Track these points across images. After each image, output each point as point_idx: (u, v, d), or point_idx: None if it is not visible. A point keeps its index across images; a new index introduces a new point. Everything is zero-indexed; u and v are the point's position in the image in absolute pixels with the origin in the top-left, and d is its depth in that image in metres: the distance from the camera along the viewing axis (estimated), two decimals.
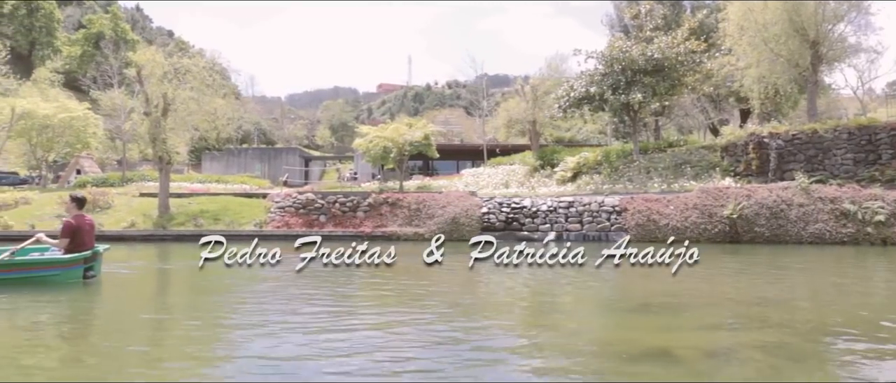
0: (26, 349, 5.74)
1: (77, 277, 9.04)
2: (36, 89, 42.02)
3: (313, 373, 4.67)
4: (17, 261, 8.94)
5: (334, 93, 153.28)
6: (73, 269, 8.97)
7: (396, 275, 9.73)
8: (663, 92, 23.98)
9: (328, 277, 9.57)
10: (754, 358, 5.19)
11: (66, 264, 8.93)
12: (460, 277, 9.26)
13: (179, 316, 7.47)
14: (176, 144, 24.29)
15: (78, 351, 5.70)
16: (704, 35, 27.50)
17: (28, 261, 9.12)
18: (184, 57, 27.28)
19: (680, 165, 23.59)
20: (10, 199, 26.34)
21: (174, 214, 22.96)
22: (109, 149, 48.13)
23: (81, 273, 9.08)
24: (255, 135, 72.76)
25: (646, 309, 7.75)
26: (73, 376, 4.75)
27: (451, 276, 9.06)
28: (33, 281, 8.85)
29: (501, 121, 41.18)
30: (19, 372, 4.82)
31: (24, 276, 8.89)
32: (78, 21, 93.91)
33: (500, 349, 5.67)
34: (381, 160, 25.43)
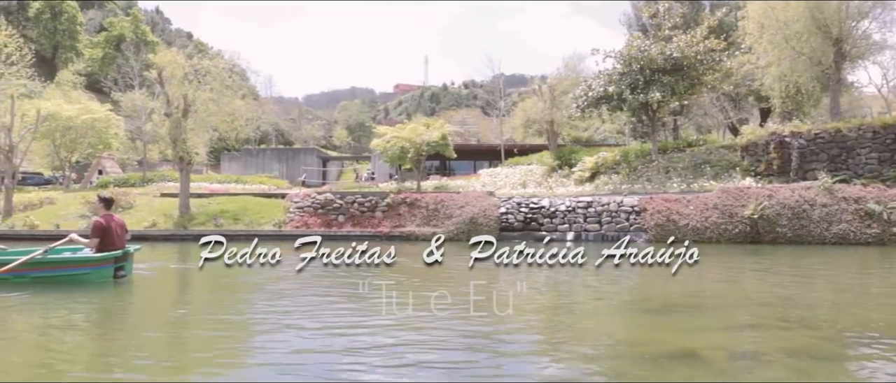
0: (56, 347, 5.83)
1: (108, 277, 9.09)
2: (59, 91, 42.68)
3: (338, 373, 4.69)
4: (49, 260, 9.01)
5: (351, 93, 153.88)
6: (104, 269, 9.02)
7: (413, 275, 9.75)
8: (682, 91, 23.78)
9: (345, 276, 9.61)
10: (781, 359, 5.13)
11: (97, 263, 8.99)
12: (475, 277, 9.25)
13: (205, 316, 7.54)
14: (196, 145, 24.51)
15: (107, 349, 5.77)
16: (724, 33, 27.23)
17: (60, 259, 9.19)
18: (203, 58, 27.55)
19: (699, 165, 23.39)
20: (35, 199, 26.76)
21: (195, 214, 23.17)
22: (130, 150, 48.71)
23: (112, 272, 9.14)
24: (272, 135, 73.23)
25: (667, 309, 7.71)
26: (101, 375, 4.81)
27: (467, 276, 9.05)
28: (65, 280, 8.92)
29: (518, 121, 41.09)
30: (51, 373, 4.89)
31: (55, 275, 8.96)
32: (99, 24, 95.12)
33: (525, 349, 5.66)
34: (399, 160, 25.47)
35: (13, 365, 5.14)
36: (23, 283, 8.69)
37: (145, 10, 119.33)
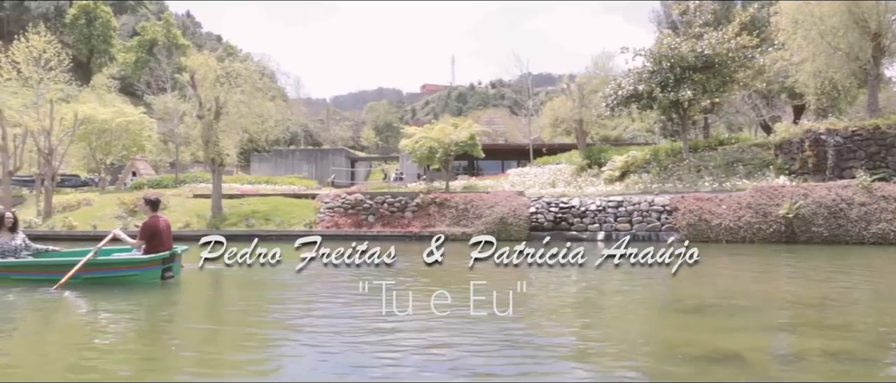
0: (102, 347, 5.97)
1: (155, 278, 9.06)
2: (94, 95, 43.56)
3: (369, 374, 4.74)
4: (98, 261, 8.98)
5: (378, 94, 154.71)
6: (152, 270, 9.00)
7: (435, 275, 9.76)
8: (714, 89, 23.48)
9: (374, 277, 9.69)
10: (819, 361, 5.05)
11: (145, 264, 8.98)
12: (503, 277, 9.26)
13: (246, 316, 7.60)
14: (227, 146, 24.88)
15: (153, 350, 5.89)
16: (756, 30, 26.80)
17: (107, 260, 9.19)
18: (234, 61, 27.96)
19: (731, 164, 23.06)
20: (73, 201, 27.39)
21: (227, 215, 23.52)
22: (162, 152, 49.55)
23: (159, 273, 9.11)
24: (301, 136, 73.93)
25: (700, 310, 7.63)
26: (150, 376, 4.91)
27: (495, 276, 9.06)
28: (112, 281, 8.93)
29: (547, 120, 40.87)
30: (100, 374, 5.00)
31: (103, 276, 8.95)
32: (132, 28, 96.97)
33: (560, 349, 5.65)
34: (427, 160, 25.55)
35: (47, 363, 5.25)
36: (75, 284, 8.65)
37: (176, 13, 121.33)
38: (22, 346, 6.00)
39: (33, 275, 8.85)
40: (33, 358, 5.48)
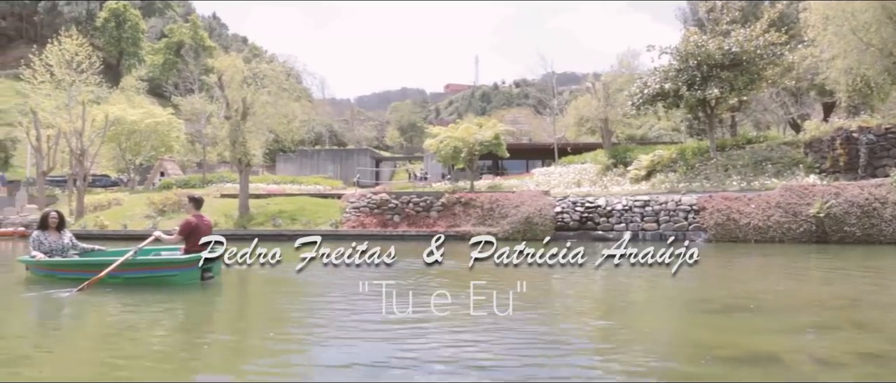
0: (143, 347, 6.08)
1: (195, 278, 8.86)
2: (123, 96, 44.37)
3: (391, 371, 4.77)
4: (137, 261, 8.88)
5: (402, 94, 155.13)
6: (191, 270, 8.77)
7: (457, 275, 9.76)
8: (742, 86, 23.18)
9: (397, 276, 9.74)
10: (852, 363, 4.97)
11: (184, 265, 8.80)
12: (526, 277, 9.24)
13: (279, 317, 7.64)
14: (254, 147, 25.15)
15: (193, 350, 5.99)
16: (785, 26, 26.40)
17: (147, 260, 9.07)
18: (261, 62, 28.26)
19: (760, 162, 22.76)
20: (104, 201, 27.91)
21: (254, 214, 23.77)
22: (190, 152, 50.28)
23: (199, 274, 8.88)
24: (326, 136, 74.44)
25: (731, 310, 7.55)
26: (172, 376, 4.99)
27: (518, 276, 9.05)
28: (152, 281, 8.82)
29: (571, 119, 40.69)
30: (145, 373, 5.10)
31: (142, 276, 8.87)
32: (160, 31, 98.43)
33: (591, 349, 5.64)
34: (452, 160, 25.60)
35: (77, 362, 5.35)
36: (115, 283, 8.63)
37: (203, 15, 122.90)
38: (55, 345, 6.13)
39: (79, 273, 8.80)
40: (66, 356, 5.59)
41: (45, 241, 9.37)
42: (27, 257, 9.52)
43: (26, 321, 7.30)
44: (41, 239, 9.40)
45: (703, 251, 16.12)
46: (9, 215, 26.90)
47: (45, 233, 9.46)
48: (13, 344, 5.97)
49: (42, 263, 9.26)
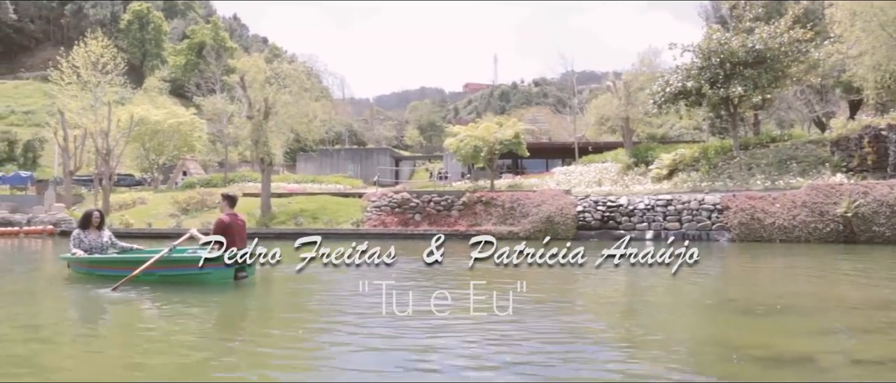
0: (181, 347, 6.15)
1: (229, 277, 8.75)
2: (147, 97, 44.98)
3: (413, 372, 4.78)
4: (171, 259, 8.81)
5: (421, 93, 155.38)
6: (224, 269, 8.61)
7: (495, 275, 9.74)
8: (766, 84, 22.90)
9: (422, 276, 9.75)
10: (887, 365, 4.89)
11: (217, 263, 8.55)
12: (550, 277, 9.20)
13: (311, 316, 7.62)
14: (275, 146, 25.34)
15: (225, 351, 6.05)
16: (810, 23, 26.03)
17: (181, 258, 8.93)
18: (282, 62, 28.46)
19: (784, 161, 22.47)
20: (129, 199, 28.29)
21: (275, 213, 23.95)
22: (211, 152, 50.77)
23: (233, 273, 8.77)
24: (346, 136, 74.76)
25: (758, 311, 7.44)
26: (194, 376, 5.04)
27: (541, 276, 9.02)
28: (185, 279, 8.73)
29: (592, 118, 40.48)
30: (146, 372, 5.16)
31: (176, 274, 8.80)
32: (182, 32, 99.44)
33: (620, 350, 5.60)
34: (472, 159, 25.59)
35: (104, 362, 5.42)
36: (149, 282, 8.63)
37: (223, 16, 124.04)
38: (83, 342, 6.22)
39: (117, 271, 8.88)
40: (90, 354, 5.65)
41: (86, 239, 9.53)
42: (68, 255, 9.68)
43: (59, 318, 7.42)
44: (81, 237, 9.56)
45: (727, 251, 16.05)
46: (38, 213, 27.36)
47: (86, 232, 9.62)
48: (41, 340, 6.07)
49: (82, 260, 9.40)
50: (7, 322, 6.81)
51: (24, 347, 5.68)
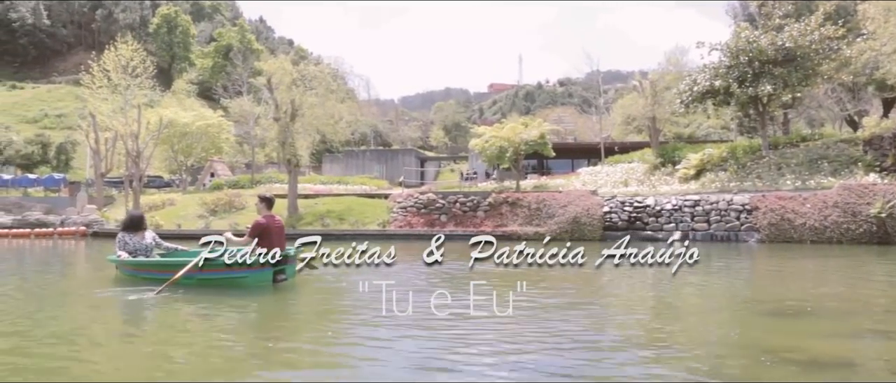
0: (214, 350, 6.25)
1: (267, 280, 8.63)
2: (175, 99, 45.66)
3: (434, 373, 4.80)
4: (210, 262, 8.55)
5: (446, 94, 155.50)
6: (263, 272, 8.54)
7: (521, 276, 9.73)
8: (796, 83, 22.54)
9: (450, 275, 9.77)
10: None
11: (255, 266, 8.48)
12: (572, 278, 9.17)
13: (340, 316, 7.65)
14: (302, 147, 25.57)
15: (260, 352, 6.14)
16: (842, 19, 25.56)
17: (218, 261, 8.68)
18: (309, 64, 28.73)
19: (815, 161, 22.10)
20: (158, 201, 28.73)
21: (302, 214, 24.16)
22: (238, 153, 51.37)
23: (271, 276, 8.68)
24: (371, 137, 75.13)
25: (790, 313, 7.34)
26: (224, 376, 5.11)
27: (563, 276, 8.99)
28: (223, 283, 8.65)
29: (617, 118, 40.21)
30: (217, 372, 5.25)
31: (214, 278, 8.68)
32: (209, 35, 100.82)
33: (646, 350, 5.57)
34: (497, 160, 25.56)
35: (129, 363, 5.51)
36: (188, 285, 8.57)
37: (250, 19, 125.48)
38: (112, 345, 6.33)
39: (159, 273, 8.91)
40: (122, 356, 5.76)
41: (130, 242, 9.69)
42: (114, 257, 9.85)
43: (94, 319, 7.55)
44: (126, 239, 9.72)
45: (756, 252, 15.82)
46: (71, 215, 27.93)
47: (130, 234, 9.79)
48: (76, 342, 6.21)
49: (127, 263, 9.54)
50: (44, 324, 6.95)
51: (51, 349, 5.76)
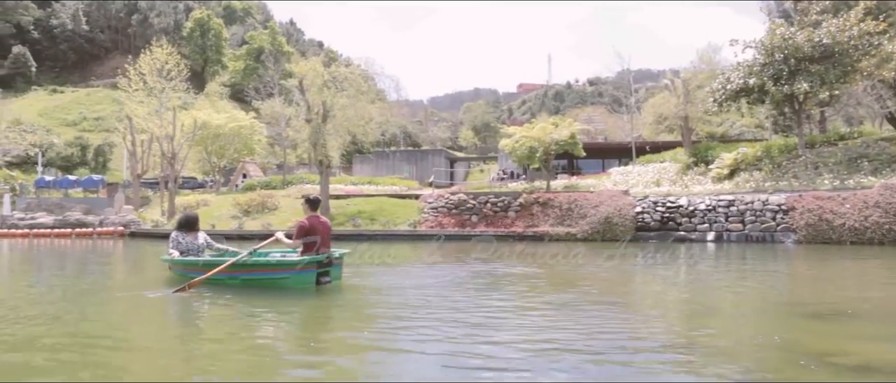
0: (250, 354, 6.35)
1: (310, 282, 8.49)
2: (208, 102, 46.41)
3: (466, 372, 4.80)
4: (250, 262, 8.70)
5: (475, 94, 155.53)
6: (306, 274, 8.42)
7: (528, 276, 9.72)
8: (833, 80, 22.05)
9: (461, 278, 9.77)
10: None
11: (298, 267, 8.44)
12: (610, 278, 9.09)
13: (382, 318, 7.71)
14: (333, 148, 25.79)
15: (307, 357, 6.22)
16: (882, 14, 24.94)
17: (260, 262, 8.79)
18: (339, 66, 28.97)
19: (855, 160, 21.61)
20: (192, 202, 29.21)
21: (334, 215, 24.34)
22: (270, 155, 52.00)
23: (314, 278, 8.53)
24: (400, 137, 75.43)
25: (829, 315, 7.17)
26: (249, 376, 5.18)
27: (599, 276, 8.92)
28: (265, 283, 8.62)
29: (649, 117, 39.78)
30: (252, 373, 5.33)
31: (256, 278, 8.67)
32: (241, 38, 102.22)
33: (696, 350, 5.51)
34: (527, 160, 25.46)
35: (169, 362, 5.62)
36: (232, 286, 8.64)
37: (280, 22, 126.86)
38: (145, 344, 6.47)
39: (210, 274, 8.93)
40: (154, 356, 5.88)
41: (183, 241, 9.90)
42: (167, 257, 10.02)
43: (133, 320, 7.71)
44: (179, 239, 9.93)
45: (793, 253, 15.52)
46: (109, 215, 28.57)
47: (183, 234, 10.01)
48: (113, 341, 6.36)
49: (177, 262, 9.72)
50: (82, 323, 7.10)
51: (88, 347, 5.88)
